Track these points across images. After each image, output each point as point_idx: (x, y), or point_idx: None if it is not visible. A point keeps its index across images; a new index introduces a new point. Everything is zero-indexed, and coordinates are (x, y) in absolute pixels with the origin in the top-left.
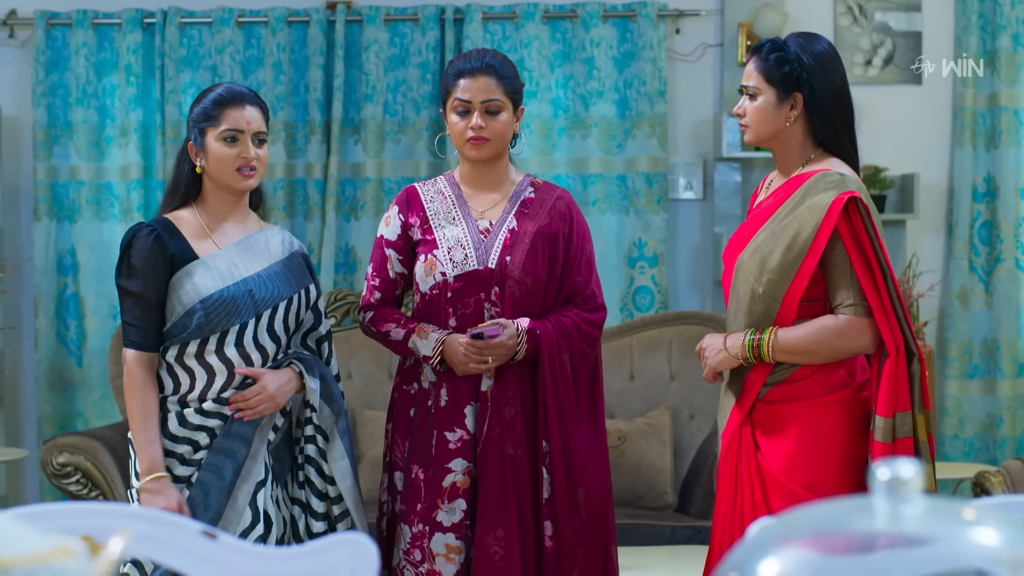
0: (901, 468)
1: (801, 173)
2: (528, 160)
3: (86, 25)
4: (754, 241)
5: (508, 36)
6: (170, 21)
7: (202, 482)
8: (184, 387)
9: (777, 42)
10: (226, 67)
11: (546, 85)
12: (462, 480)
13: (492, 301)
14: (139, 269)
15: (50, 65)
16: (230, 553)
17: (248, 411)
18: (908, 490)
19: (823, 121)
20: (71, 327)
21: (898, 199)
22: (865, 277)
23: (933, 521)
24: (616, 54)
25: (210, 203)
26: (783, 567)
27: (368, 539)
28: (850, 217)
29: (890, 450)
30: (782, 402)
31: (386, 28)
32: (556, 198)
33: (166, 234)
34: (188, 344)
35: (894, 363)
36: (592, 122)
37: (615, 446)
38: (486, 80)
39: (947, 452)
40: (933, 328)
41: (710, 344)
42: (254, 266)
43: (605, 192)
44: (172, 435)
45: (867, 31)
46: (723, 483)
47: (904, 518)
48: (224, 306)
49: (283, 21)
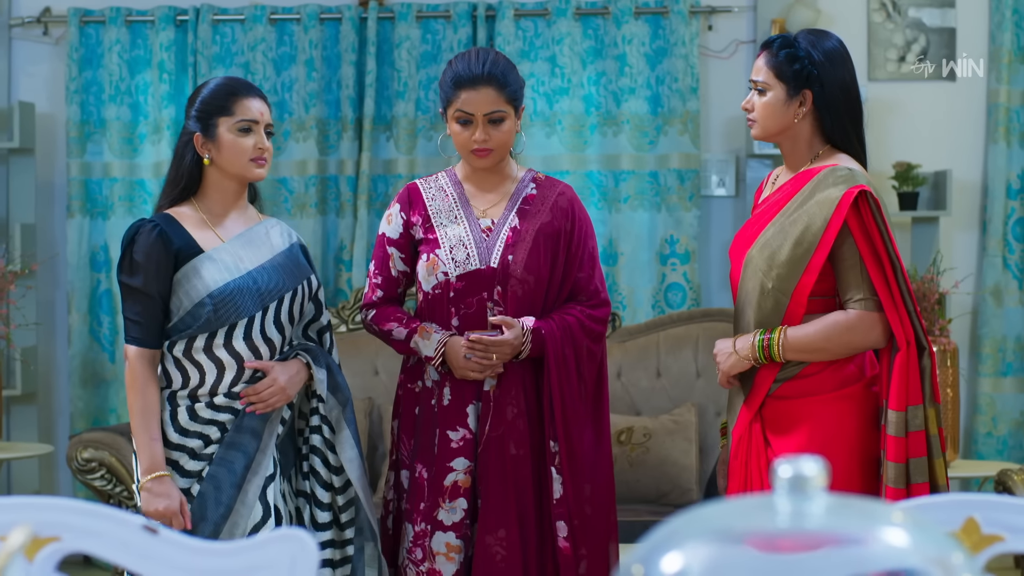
0: (804, 465)
1: (809, 168)
2: (560, 157)
3: (119, 22)
4: (763, 236)
5: (540, 33)
6: (203, 18)
7: (213, 476)
8: (194, 381)
9: (788, 38)
10: (258, 64)
11: (578, 82)
12: (463, 479)
13: (495, 300)
14: (142, 265)
15: (83, 62)
16: (171, 548)
17: (260, 404)
18: (811, 488)
19: (832, 118)
20: (104, 323)
21: (931, 196)
22: (875, 271)
23: (836, 519)
24: (648, 51)
25: (212, 197)
26: (686, 562)
27: (307, 535)
28: (860, 211)
29: (903, 444)
30: (792, 398)
31: (418, 25)
32: (558, 194)
33: (170, 229)
34: (196, 338)
35: (905, 357)
36: (624, 119)
37: (640, 443)
38: (488, 91)
39: (980, 450)
40: (966, 326)
41: (721, 348)
42: (257, 258)
43: (637, 189)
44: (183, 429)
45: (900, 27)
46: (733, 480)
47: (806, 516)
48: (232, 299)
49: (315, 18)
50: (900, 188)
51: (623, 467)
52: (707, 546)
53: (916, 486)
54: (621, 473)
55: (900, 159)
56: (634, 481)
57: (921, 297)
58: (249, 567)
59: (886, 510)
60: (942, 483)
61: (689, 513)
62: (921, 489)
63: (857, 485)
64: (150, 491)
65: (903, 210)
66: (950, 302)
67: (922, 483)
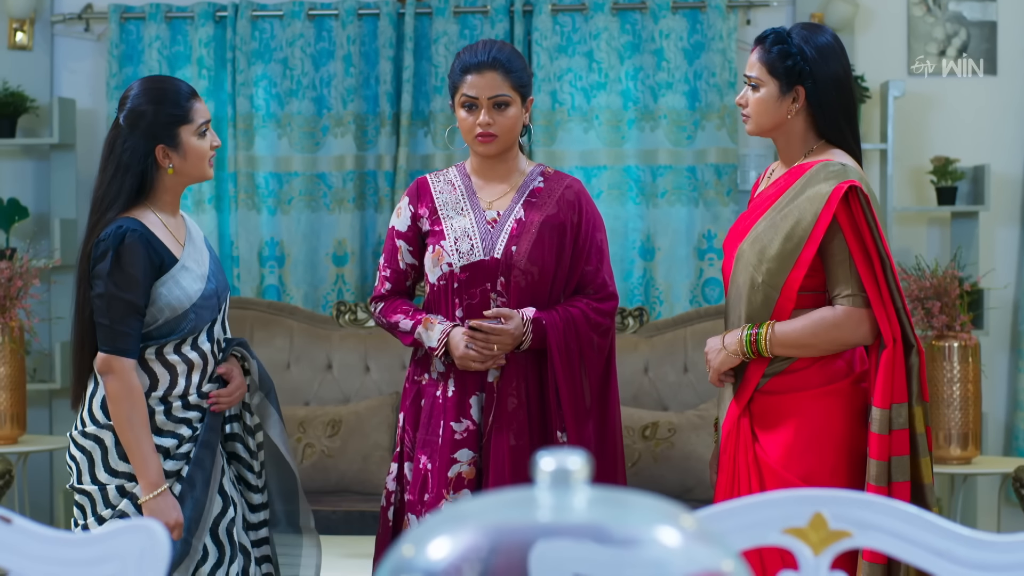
0: (567, 459)
1: (803, 163)
2: (597, 152)
3: (159, 19)
4: (754, 230)
5: (577, 28)
6: (241, 14)
7: (191, 477)
8: (164, 383)
9: (781, 33)
10: (296, 60)
11: (615, 77)
12: (467, 471)
13: (498, 291)
14: (139, 282)
15: (124, 58)
16: (23, 537)
17: (226, 403)
18: (574, 481)
19: (825, 114)
20: None
21: (970, 190)
22: (864, 267)
23: (598, 514)
24: (686, 45)
25: (165, 200)
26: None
27: (159, 526)
28: (850, 206)
29: (886, 442)
30: (780, 393)
31: (455, 20)
32: (565, 187)
33: (152, 239)
34: (169, 343)
35: (891, 354)
36: (661, 114)
37: (664, 438)
38: (493, 75)
39: (1021, 446)
40: (1007, 320)
41: (711, 346)
42: (205, 259)
43: (675, 184)
44: (158, 429)
45: (941, 21)
46: (722, 474)
47: (568, 510)
48: (207, 305)
49: (353, 14)
50: (938, 183)
51: (648, 462)
52: (470, 536)
53: (897, 484)
54: (646, 468)
55: (939, 153)
56: (659, 476)
57: (943, 292)
58: (99, 557)
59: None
60: (927, 482)
61: (462, 503)
62: (902, 488)
63: (843, 481)
64: (149, 510)
65: (941, 205)
66: (988, 297)
67: (903, 482)
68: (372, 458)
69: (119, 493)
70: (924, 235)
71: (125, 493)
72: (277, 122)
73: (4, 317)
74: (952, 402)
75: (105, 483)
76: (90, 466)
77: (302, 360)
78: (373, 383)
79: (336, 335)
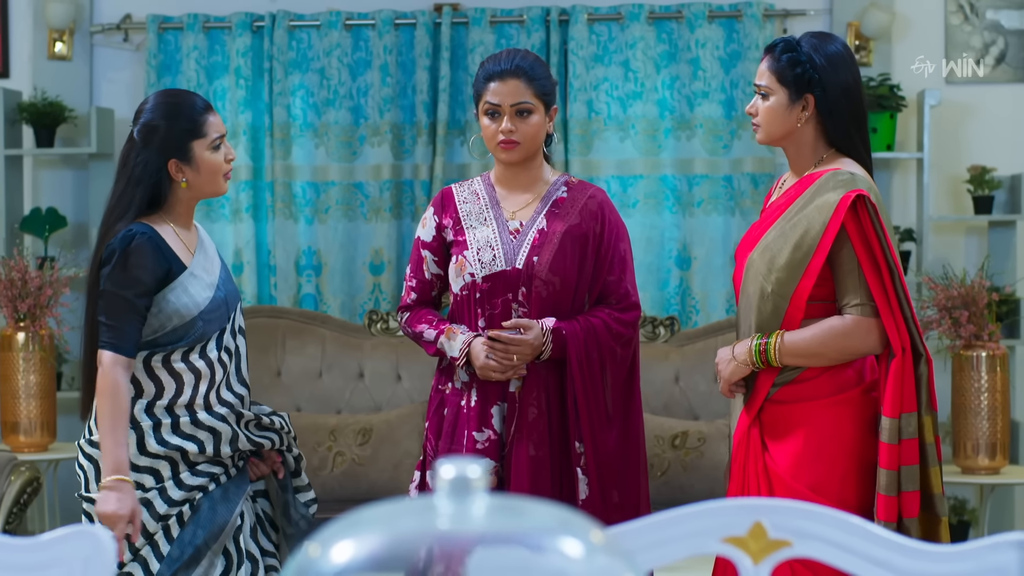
0: (467, 468)
1: (812, 173)
2: (633, 161)
3: (197, 29)
4: (764, 240)
5: (613, 37)
6: (279, 24)
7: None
8: (170, 391)
9: (791, 42)
10: (333, 69)
11: (651, 86)
12: (489, 480)
13: (519, 301)
14: (143, 283)
15: (162, 68)
16: None
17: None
18: (473, 490)
19: (835, 122)
20: None
21: (1007, 199)
22: (872, 276)
23: (497, 523)
24: (722, 54)
25: (179, 211)
26: (352, 555)
27: (104, 532)
28: (858, 215)
29: (895, 451)
30: (790, 402)
31: (492, 30)
32: (588, 197)
33: (162, 244)
34: (175, 351)
35: (900, 363)
36: (698, 123)
37: (694, 447)
38: (515, 83)
39: None
40: None
41: (721, 357)
42: (215, 268)
43: (711, 193)
44: (164, 441)
45: (978, 30)
46: (732, 484)
47: (467, 519)
48: (215, 313)
49: (390, 23)
50: (975, 192)
51: (677, 471)
52: (371, 541)
53: (907, 494)
54: (675, 477)
55: (975, 162)
56: (688, 485)
57: (970, 302)
58: (44, 563)
59: (564, 520)
60: (937, 492)
61: (368, 508)
62: (912, 497)
63: (853, 490)
64: (108, 491)
65: (978, 214)
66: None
67: (913, 491)
68: (403, 466)
69: None
70: (961, 244)
71: None
72: (314, 131)
73: (34, 326)
74: (980, 412)
75: None
76: (96, 475)
77: (334, 369)
78: (404, 392)
79: (368, 344)
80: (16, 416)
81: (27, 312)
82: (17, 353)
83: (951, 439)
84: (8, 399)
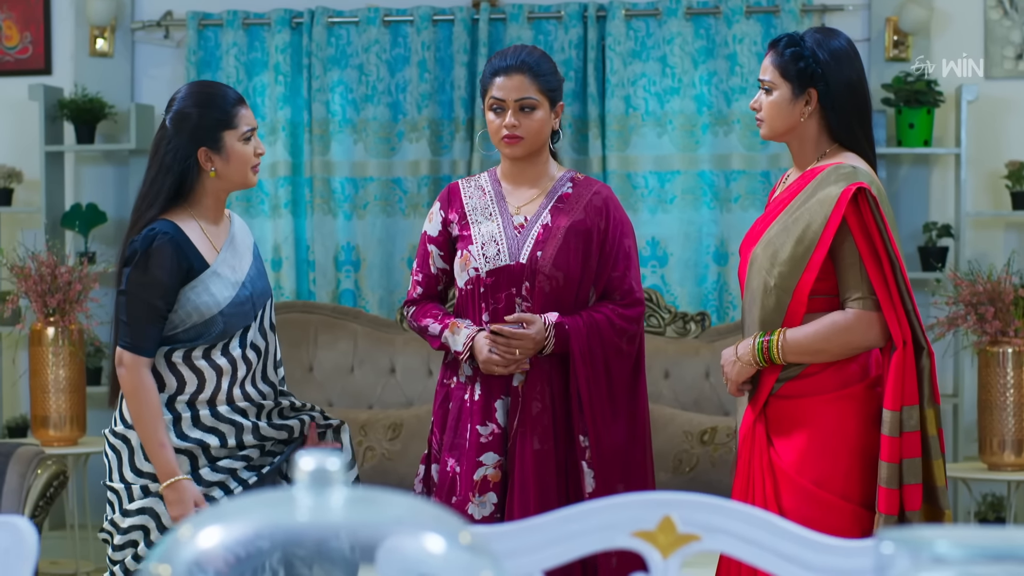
0: (326, 460)
1: (815, 167)
2: (671, 157)
3: (236, 25)
4: (767, 234)
5: (651, 33)
6: (318, 20)
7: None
8: (191, 387)
9: (794, 37)
10: (372, 66)
11: (689, 82)
12: (493, 474)
13: (523, 296)
14: (165, 285)
15: (202, 65)
16: None
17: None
18: (332, 482)
19: (838, 117)
20: None
21: None
22: (874, 270)
23: (354, 515)
24: (760, 50)
25: (207, 204)
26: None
27: (27, 523)
28: (859, 208)
29: (896, 444)
30: (794, 398)
31: (529, 26)
32: (593, 193)
33: (183, 243)
34: (196, 347)
35: (901, 356)
36: (735, 118)
37: (723, 443)
38: (520, 78)
39: None
40: None
41: (726, 358)
42: (244, 264)
43: (748, 188)
44: (183, 435)
45: (1018, 24)
46: (737, 479)
47: (326, 511)
48: (239, 311)
49: (428, 20)
50: (1013, 187)
51: (706, 467)
52: (233, 530)
53: (909, 487)
54: (704, 473)
55: (1014, 158)
56: (716, 481)
57: (997, 297)
58: None
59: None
60: (940, 485)
61: (236, 500)
62: (914, 490)
63: (857, 485)
64: (168, 499)
65: (1016, 209)
66: None
67: (915, 484)
68: None
69: (143, 492)
70: (1000, 240)
71: (149, 493)
72: (353, 127)
73: (64, 321)
74: (1006, 408)
75: (131, 482)
76: (119, 464)
77: (366, 364)
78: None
79: (400, 339)
80: (46, 410)
81: (57, 307)
82: (47, 348)
83: (977, 435)
84: (38, 393)
